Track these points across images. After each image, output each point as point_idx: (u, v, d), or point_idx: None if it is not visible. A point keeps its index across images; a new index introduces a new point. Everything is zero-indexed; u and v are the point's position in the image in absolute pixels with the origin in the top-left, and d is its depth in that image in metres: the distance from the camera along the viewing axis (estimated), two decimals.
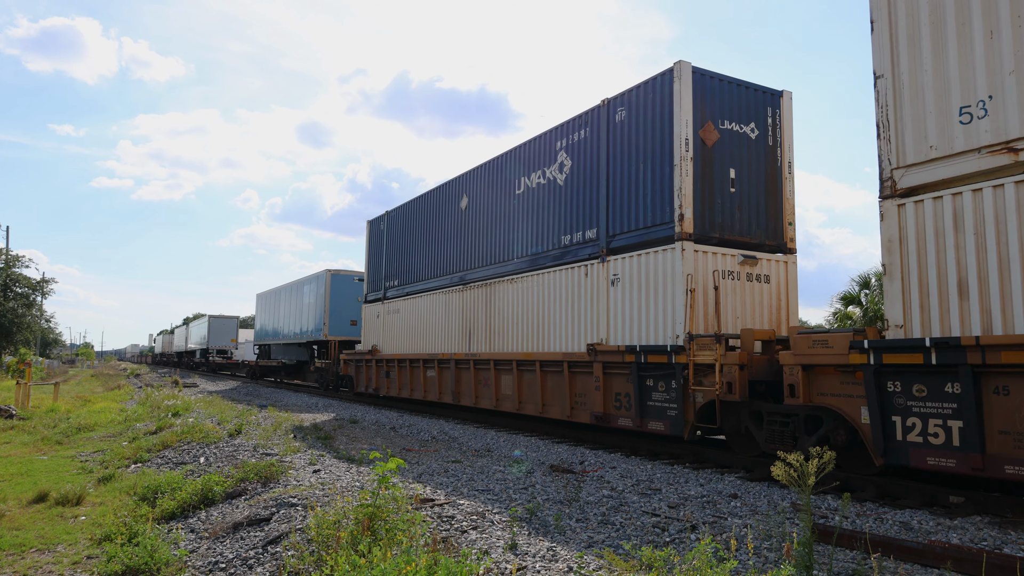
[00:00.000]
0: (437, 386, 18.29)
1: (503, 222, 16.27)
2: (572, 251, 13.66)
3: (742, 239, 11.75)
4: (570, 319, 13.44)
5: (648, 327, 11.58)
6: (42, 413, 19.58)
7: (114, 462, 11.80)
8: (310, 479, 8.73)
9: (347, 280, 30.49)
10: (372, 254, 24.55)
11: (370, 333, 23.69)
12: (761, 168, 12.11)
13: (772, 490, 8.73)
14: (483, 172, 17.51)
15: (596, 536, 6.27)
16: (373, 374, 22.71)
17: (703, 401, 10.37)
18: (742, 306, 11.60)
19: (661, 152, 11.57)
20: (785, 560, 4.62)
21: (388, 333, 22.16)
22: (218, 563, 6.20)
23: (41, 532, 7.71)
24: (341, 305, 29.81)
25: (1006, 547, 6.05)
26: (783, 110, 12.46)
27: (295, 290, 34.75)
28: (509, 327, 15.46)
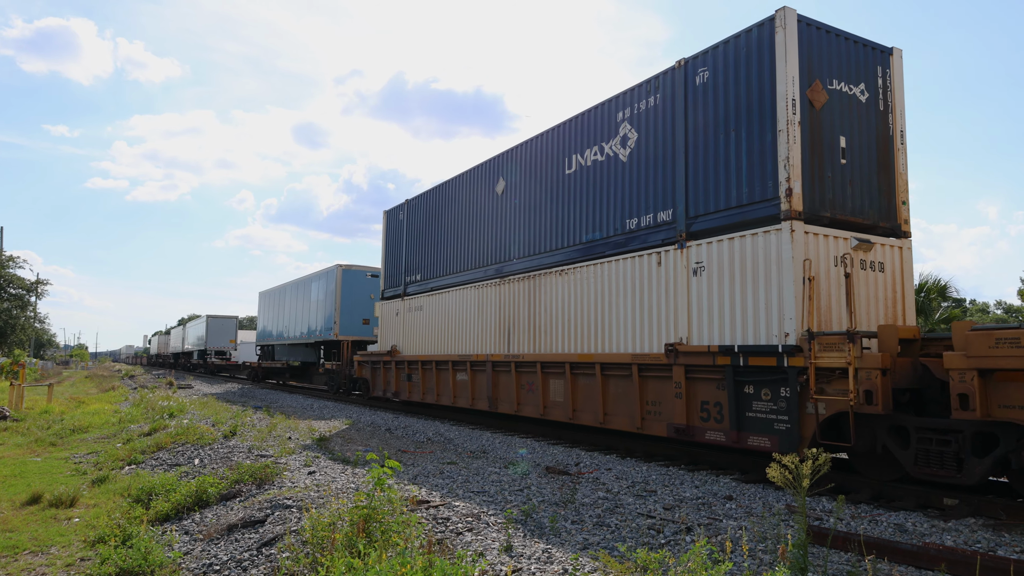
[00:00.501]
0: (469, 391, 16.54)
1: (549, 207, 14.37)
2: (639, 237, 11.82)
3: (854, 219, 10.04)
4: (638, 315, 11.61)
5: (743, 324, 9.86)
6: (36, 414, 19.50)
7: (108, 464, 11.75)
8: (305, 481, 8.72)
9: (359, 276, 28.41)
10: (390, 246, 22.41)
11: (388, 332, 21.70)
12: (872, 136, 10.44)
13: (767, 492, 8.74)
14: (524, 152, 15.57)
15: (591, 538, 6.27)
16: (392, 377, 20.73)
17: (827, 413, 8.51)
18: (857, 299, 9.79)
19: (760, 117, 9.89)
20: (780, 562, 4.63)
21: (409, 332, 20.16)
22: (212, 565, 6.18)
23: (34, 534, 7.67)
24: (353, 303, 27.88)
25: (1000, 549, 6.07)
26: (893, 70, 10.78)
27: (302, 287, 32.82)
28: (558, 325, 13.63)
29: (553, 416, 13.59)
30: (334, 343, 28.85)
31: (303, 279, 32.88)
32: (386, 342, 21.73)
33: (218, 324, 54.15)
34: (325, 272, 29.46)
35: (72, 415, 19.49)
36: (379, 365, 21.89)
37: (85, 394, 30.62)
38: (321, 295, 29.39)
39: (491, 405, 15.68)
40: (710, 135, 10.72)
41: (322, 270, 30.04)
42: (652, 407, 11.24)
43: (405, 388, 19.96)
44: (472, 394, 16.51)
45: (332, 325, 27.74)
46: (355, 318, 27.74)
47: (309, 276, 31.93)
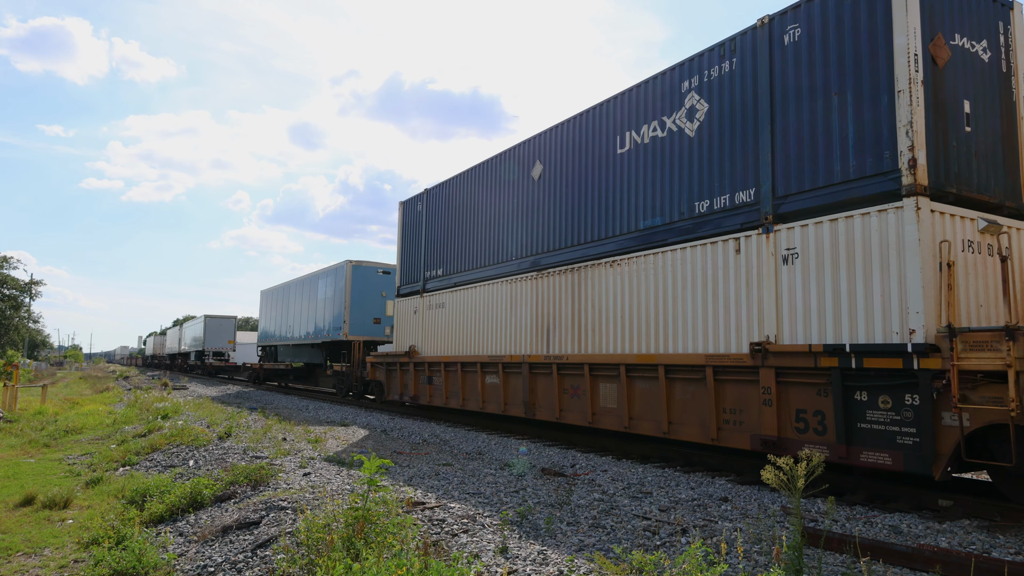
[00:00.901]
0: (501, 395, 15.05)
1: (597, 191, 12.82)
2: (712, 221, 10.32)
3: (980, 197, 8.64)
4: (711, 310, 10.15)
5: (851, 319, 8.39)
6: (29, 416, 19.43)
7: (102, 465, 11.71)
8: (300, 482, 8.70)
9: (370, 273, 26.75)
10: (407, 240, 20.69)
11: (405, 332, 19.95)
12: (996, 102, 9.10)
13: (763, 493, 8.75)
14: (566, 132, 14.02)
15: (587, 539, 6.27)
16: (411, 380, 19.06)
17: (972, 426, 7.12)
18: (984, 290, 8.42)
19: (872, 77, 8.48)
20: (774, 564, 4.63)
21: (430, 331, 18.52)
22: (207, 567, 6.16)
23: (28, 536, 7.64)
24: (363, 301, 26.29)
25: (994, 551, 6.08)
26: (1015, 27, 9.39)
27: (307, 285, 31.17)
28: (609, 322, 12.04)
29: (604, 424, 12.08)
30: (343, 344, 27.39)
31: (309, 276, 31.30)
32: (403, 342, 20.07)
33: (216, 324, 52.54)
34: (334, 269, 27.92)
35: (66, 416, 19.42)
36: (395, 367, 20.35)
37: (79, 395, 30.54)
38: (329, 293, 27.90)
39: (527, 411, 14.21)
40: (804, 101, 9.28)
41: (330, 267, 28.49)
42: (731, 415, 9.78)
43: (425, 392, 18.38)
44: (504, 399, 14.99)
45: (341, 324, 26.13)
46: (366, 317, 26.25)
47: (316, 273, 30.34)
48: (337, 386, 26.91)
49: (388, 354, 20.66)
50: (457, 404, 16.80)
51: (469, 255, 17.25)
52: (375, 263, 27.02)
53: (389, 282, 26.31)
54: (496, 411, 15.29)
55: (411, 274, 20.39)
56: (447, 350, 17.58)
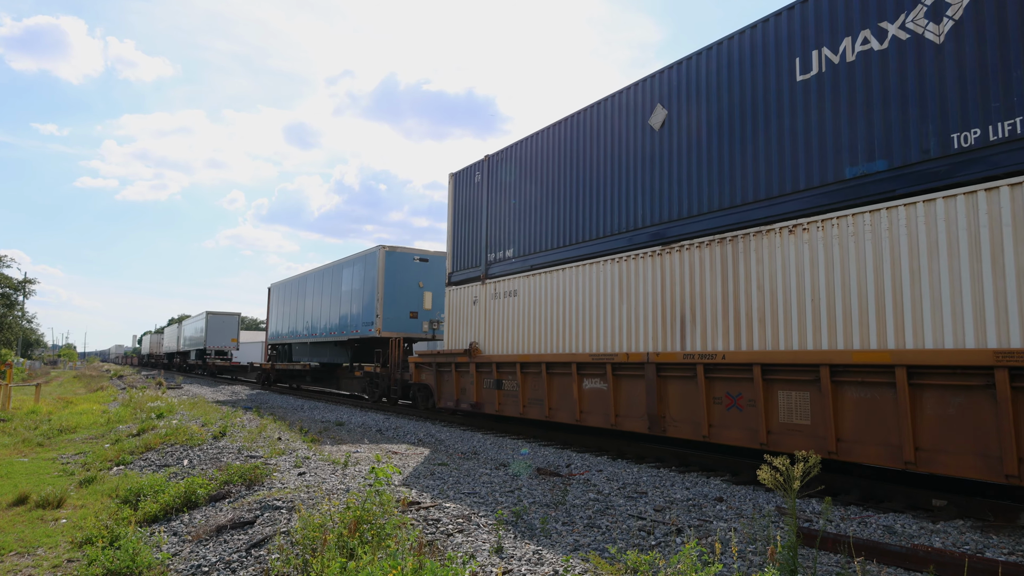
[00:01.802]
0: (610, 404, 11.71)
1: (759, 135, 9.84)
2: (984, 159, 7.38)
3: None
4: (998, 286, 7.15)
5: None
6: (23, 415, 19.36)
7: (96, 464, 11.68)
8: (295, 481, 8.68)
9: (406, 260, 23.63)
10: (462, 218, 17.39)
11: (461, 326, 16.78)
12: None
13: (758, 493, 8.77)
14: (703, 64, 10.92)
15: (582, 539, 6.27)
16: (471, 383, 15.92)
17: None
18: None
19: None
20: (769, 563, 4.64)
21: (496, 325, 15.42)
22: (201, 566, 6.15)
23: (21, 535, 7.61)
24: (398, 292, 23.24)
25: (988, 551, 6.11)
26: None
27: (329, 276, 27.99)
28: (791, 306, 9.10)
29: (784, 447, 8.75)
30: (374, 341, 24.27)
31: (331, 266, 27.99)
32: (458, 338, 16.85)
33: (219, 321, 49.56)
34: (363, 256, 24.75)
35: (60, 415, 19.36)
36: (448, 368, 17.03)
37: (73, 394, 30.44)
38: (357, 283, 24.84)
39: (654, 425, 10.86)
40: None
41: (358, 254, 25.43)
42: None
43: (492, 398, 15.25)
44: (615, 408, 11.69)
45: (373, 319, 22.88)
46: (401, 311, 23.15)
47: (340, 262, 27.21)
48: (368, 389, 23.85)
49: (440, 353, 17.30)
50: (540, 414, 13.68)
51: (554, 230, 13.96)
52: (411, 249, 23.90)
53: (427, 271, 23.69)
54: (601, 424, 12.01)
55: (467, 258, 16.97)
56: (523, 347, 14.42)
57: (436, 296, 23.40)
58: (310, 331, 29.47)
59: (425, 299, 21.64)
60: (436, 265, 23.83)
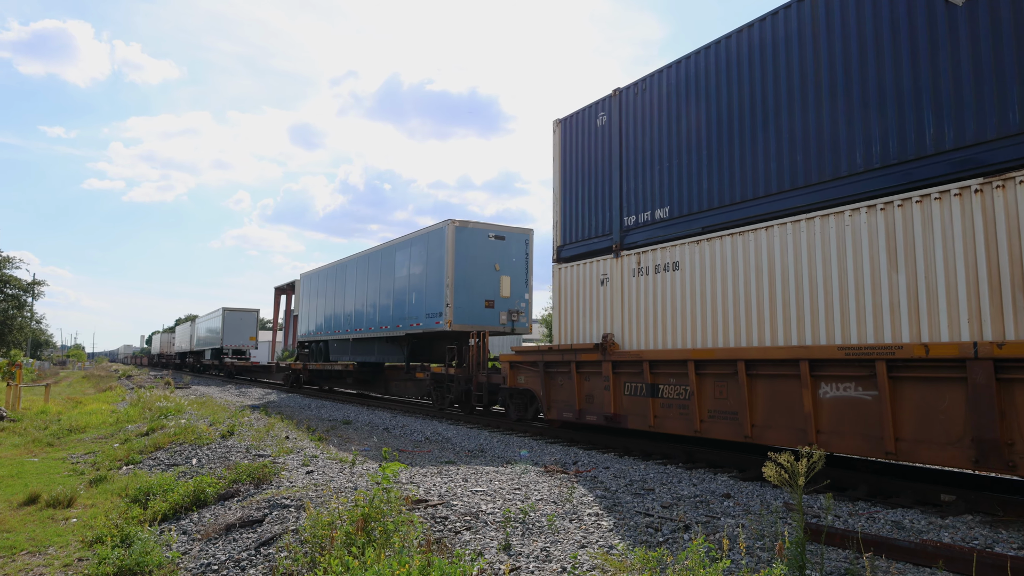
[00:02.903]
0: (884, 422, 7.93)
1: None
2: None
3: None
4: None
5: None
6: (33, 415, 19.48)
7: (105, 464, 11.75)
8: (303, 480, 8.72)
9: (479, 238, 19.47)
10: (577, 174, 13.53)
11: (580, 314, 12.98)
12: None
13: (765, 490, 8.76)
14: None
15: (589, 536, 6.28)
16: (605, 389, 11.96)
17: None
18: None
19: None
20: (777, 559, 4.64)
21: (640, 311, 11.59)
22: (210, 565, 6.18)
23: (32, 534, 7.66)
24: (472, 277, 19.21)
25: (997, 546, 6.08)
26: None
27: (377, 261, 23.85)
28: None
29: None
30: (440, 336, 20.47)
31: (379, 250, 23.95)
32: (576, 329, 13.07)
33: (236, 318, 46.03)
34: (425, 235, 20.64)
35: (69, 415, 19.47)
36: (563, 369, 13.07)
37: (82, 394, 30.62)
38: (417, 267, 20.91)
39: (989, 457, 7.09)
40: None
41: (417, 233, 21.30)
42: None
43: (641, 409, 11.29)
44: (892, 428, 7.87)
45: (441, 309, 19.00)
46: (475, 299, 19.24)
47: (391, 244, 23.18)
48: (435, 395, 19.54)
49: (552, 349, 13.35)
50: (732, 433, 9.88)
51: (747, 175, 10.13)
52: (486, 224, 19.85)
53: (504, 251, 19.91)
54: (863, 451, 8.27)
55: (587, 225, 13.14)
56: (691, 338, 10.59)
57: (514, 281, 20.03)
58: (352, 326, 25.49)
59: (502, 285, 18.15)
60: (513, 244, 20.18)
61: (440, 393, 19.32)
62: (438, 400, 19.43)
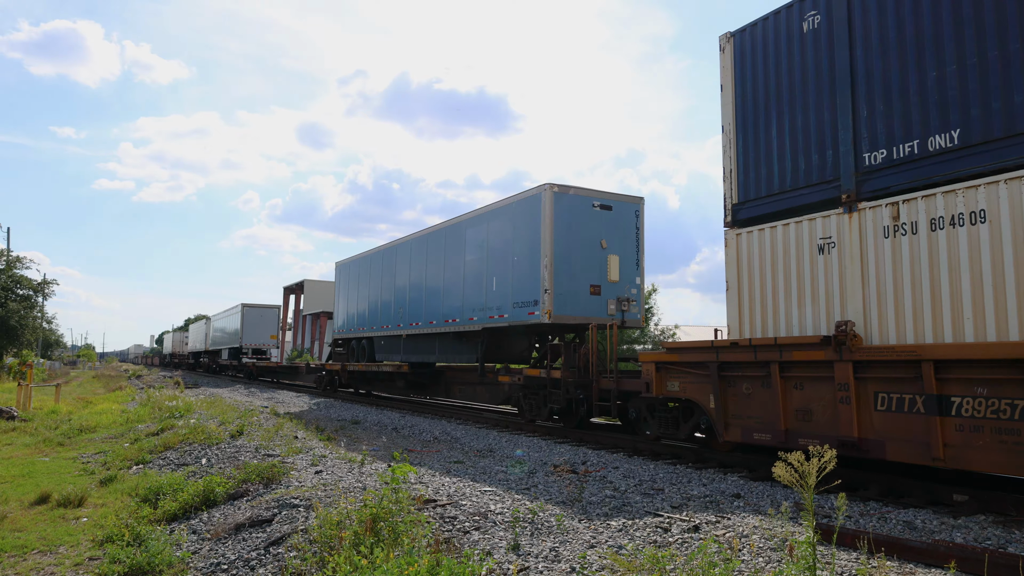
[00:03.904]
0: None
1: None
2: None
3: None
4: None
5: None
6: (44, 415, 19.60)
7: (116, 463, 11.80)
8: (312, 480, 8.73)
9: (580, 207, 15.34)
10: (767, 101, 10.08)
11: (782, 296, 9.60)
12: None
13: (775, 490, 8.71)
14: None
15: (599, 536, 6.26)
16: (828, 403, 8.54)
17: None
18: None
19: None
20: (788, 560, 4.61)
21: (899, 288, 8.21)
22: (220, 564, 6.20)
23: (43, 534, 7.70)
24: (574, 256, 15.19)
25: (1010, 546, 6.03)
26: None
27: (441, 241, 19.53)
28: None
29: None
30: (522, 330, 16.61)
31: (445, 227, 19.55)
32: (775, 317, 9.71)
33: (256, 315, 42.84)
34: (513, 205, 16.23)
35: (80, 415, 19.59)
36: (755, 373, 9.46)
37: (92, 394, 30.79)
38: (499, 246, 16.60)
39: None
40: None
41: (500, 203, 16.85)
42: None
43: (919, 433, 7.58)
44: None
45: (537, 297, 14.87)
46: (578, 283, 15.20)
47: (460, 220, 18.75)
48: (527, 403, 15.65)
49: (735, 345, 9.72)
50: None
51: None
52: (588, 190, 15.62)
53: (610, 225, 15.71)
54: None
55: (786, 172, 9.76)
56: (1017, 325, 7.08)
57: (624, 262, 15.85)
58: (405, 320, 21.30)
59: (610, 266, 14.80)
60: (622, 216, 15.94)
61: (534, 402, 15.42)
62: (529, 409, 15.61)
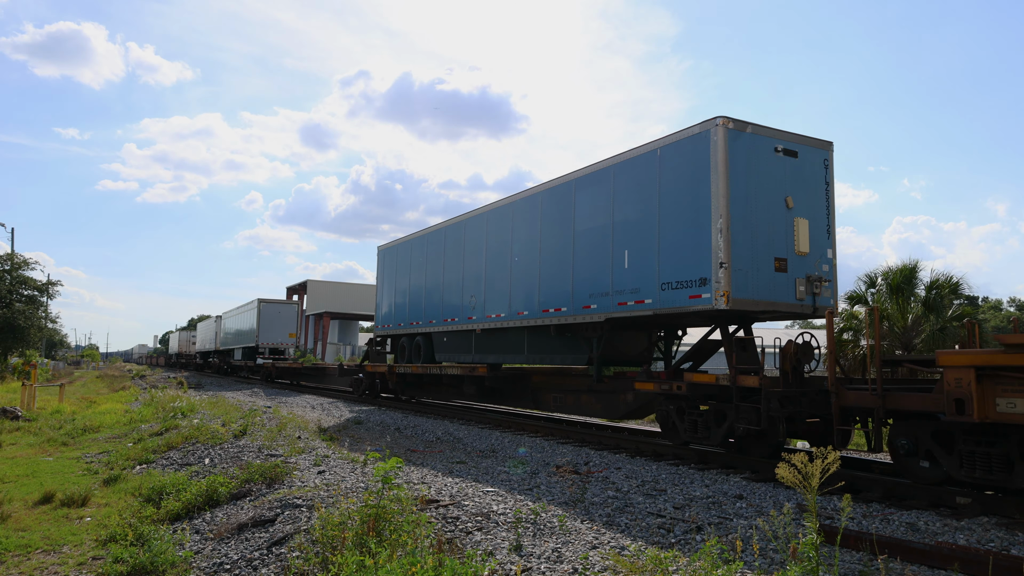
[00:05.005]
0: None
1: None
2: None
3: None
4: None
5: None
6: (48, 414, 19.64)
7: (119, 463, 11.83)
8: (315, 480, 8.74)
9: (761, 151, 11.01)
10: None
11: None
12: None
13: (778, 491, 8.70)
14: None
15: (601, 537, 6.26)
16: None
17: None
18: None
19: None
20: (791, 561, 4.60)
21: None
22: (223, 564, 6.21)
23: (47, 533, 7.72)
24: (753, 218, 10.81)
25: (1013, 548, 6.02)
26: None
27: (536, 209, 15.07)
28: None
29: None
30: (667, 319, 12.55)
31: (543, 191, 14.92)
32: None
33: (274, 312, 39.02)
34: (659, 151, 11.77)
35: (83, 415, 19.63)
36: None
37: (96, 394, 30.84)
38: (634, 207, 12.22)
39: None
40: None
41: (634, 152, 12.32)
42: None
43: None
44: None
45: (706, 273, 10.65)
46: (760, 256, 10.85)
47: (567, 180, 14.11)
48: (682, 421, 11.41)
49: None
50: None
51: None
52: (768, 128, 11.15)
53: (797, 175, 11.32)
54: None
55: None
56: None
57: (814, 229, 11.30)
58: (480, 311, 17.10)
59: (798, 233, 10.95)
60: (808, 166, 11.43)
61: (697, 420, 11.08)
62: (687, 430, 11.25)
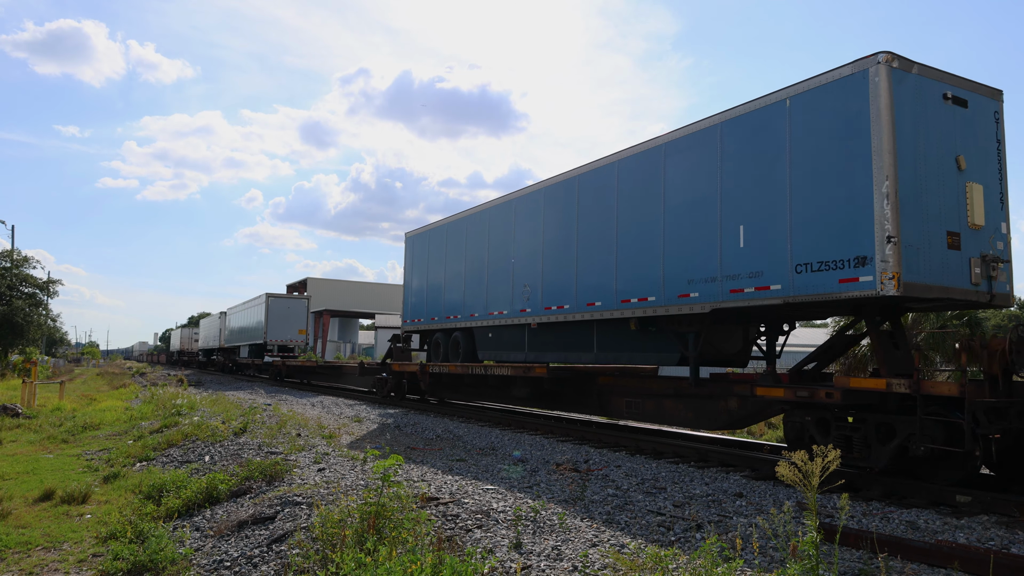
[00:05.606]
0: None
1: None
2: None
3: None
4: None
5: None
6: (48, 412, 19.66)
7: (119, 460, 11.84)
8: (315, 478, 8.74)
9: (927, 98, 8.29)
10: None
11: None
12: None
13: (778, 489, 8.70)
14: None
15: (601, 535, 6.26)
16: None
17: None
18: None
19: None
20: (791, 559, 4.60)
21: None
22: (223, 561, 6.21)
23: (47, 530, 7.73)
24: (919, 182, 8.08)
25: (1013, 547, 6.01)
26: None
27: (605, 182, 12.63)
28: None
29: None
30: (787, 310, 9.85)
31: (615, 162, 12.48)
32: None
33: (283, 307, 37.00)
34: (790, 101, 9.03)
35: (84, 412, 19.65)
36: None
37: (96, 391, 30.85)
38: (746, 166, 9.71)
39: None
40: None
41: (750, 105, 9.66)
42: None
43: None
44: None
45: (866, 250, 7.96)
46: (930, 230, 8.15)
47: (653, 146, 11.51)
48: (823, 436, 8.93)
49: None
50: None
51: None
52: (933, 70, 8.49)
53: (968, 130, 8.81)
54: None
55: None
56: None
57: (988, 195, 8.91)
58: (536, 302, 14.61)
59: (972, 201, 8.70)
60: (979, 120, 9.03)
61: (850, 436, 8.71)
62: (842, 446, 8.51)
